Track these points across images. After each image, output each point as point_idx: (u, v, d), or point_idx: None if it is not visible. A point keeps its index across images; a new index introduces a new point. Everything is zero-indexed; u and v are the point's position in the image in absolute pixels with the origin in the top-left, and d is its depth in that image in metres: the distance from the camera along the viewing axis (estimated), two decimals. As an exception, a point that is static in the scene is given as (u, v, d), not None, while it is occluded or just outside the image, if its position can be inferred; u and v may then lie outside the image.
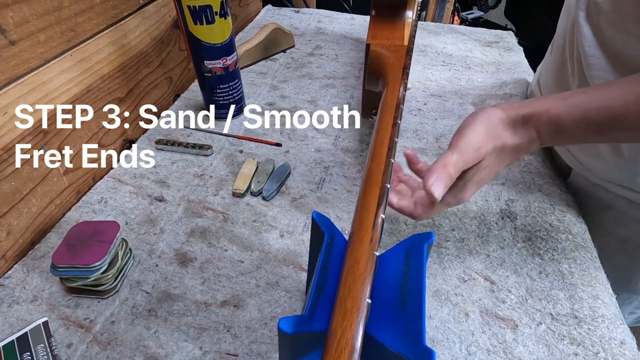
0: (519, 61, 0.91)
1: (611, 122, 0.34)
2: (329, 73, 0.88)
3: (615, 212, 0.55)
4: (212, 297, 0.47)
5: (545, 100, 0.36)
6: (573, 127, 0.35)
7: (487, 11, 2.42)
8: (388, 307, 0.25)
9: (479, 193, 0.59)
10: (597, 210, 0.57)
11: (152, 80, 0.73)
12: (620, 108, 0.33)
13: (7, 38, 0.46)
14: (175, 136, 0.70)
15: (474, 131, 0.34)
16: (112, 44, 0.62)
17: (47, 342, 0.41)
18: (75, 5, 0.54)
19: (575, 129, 0.35)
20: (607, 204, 0.56)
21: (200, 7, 0.60)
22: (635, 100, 0.33)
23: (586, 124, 0.34)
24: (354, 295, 0.23)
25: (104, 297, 0.47)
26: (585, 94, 0.35)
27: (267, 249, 0.52)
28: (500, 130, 0.35)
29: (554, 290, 0.47)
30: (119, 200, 0.58)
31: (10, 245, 0.50)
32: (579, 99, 0.35)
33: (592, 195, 0.57)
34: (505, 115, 0.36)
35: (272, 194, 0.58)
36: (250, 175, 0.61)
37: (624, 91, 0.33)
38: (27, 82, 0.49)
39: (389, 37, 0.53)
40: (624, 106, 0.33)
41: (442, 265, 0.50)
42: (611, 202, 0.55)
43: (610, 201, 0.55)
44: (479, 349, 0.42)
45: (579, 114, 0.34)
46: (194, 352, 0.42)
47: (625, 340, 0.42)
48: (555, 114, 0.35)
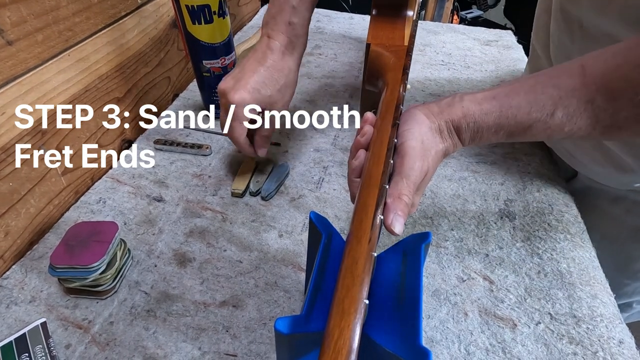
0: (518, 60, 0.91)
1: (521, 129, 0.36)
2: (328, 72, 0.88)
3: (628, 203, 0.56)
4: (211, 298, 0.47)
5: (460, 102, 0.37)
6: (487, 133, 0.36)
7: (486, 10, 2.42)
8: (385, 307, 0.25)
9: (478, 193, 0.59)
10: (609, 202, 0.58)
11: (150, 80, 0.73)
12: (525, 115, 0.35)
13: (4, 38, 0.46)
14: (174, 136, 0.70)
15: (412, 148, 0.34)
16: (110, 44, 0.62)
17: (45, 343, 0.41)
18: (73, 5, 0.54)
19: (490, 135, 0.37)
20: (620, 196, 0.56)
21: (198, 6, 0.60)
22: (538, 108, 0.34)
23: (496, 129, 0.36)
24: (352, 296, 0.23)
25: (103, 297, 0.46)
26: (496, 100, 0.36)
27: (266, 249, 0.52)
28: (431, 139, 0.36)
29: (553, 289, 0.47)
30: (118, 201, 0.58)
31: (9, 246, 0.50)
32: (490, 105, 0.36)
33: (602, 189, 0.58)
34: (430, 122, 0.37)
35: (271, 194, 0.58)
36: (249, 176, 0.61)
37: (529, 100, 0.35)
38: (24, 82, 0.49)
39: (390, 37, 0.53)
40: (528, 113, 0.35)
41: (441, 264, 0.50)
42: (624, 195, 0.56)
43: (622, 194, 0.56)
44: (478, 349, 0.42)
45: (491, 121, 0.36)
46: (192, 352, 0.42)
47: (624, 340, 0.42)
48: (472, 120, 0.36)
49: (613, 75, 0.32)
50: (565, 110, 0.34)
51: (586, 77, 0.33)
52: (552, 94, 0.34)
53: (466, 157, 0.65)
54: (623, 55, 0.32)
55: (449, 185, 0.60)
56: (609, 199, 0.58)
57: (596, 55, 0.34)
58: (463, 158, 0.64)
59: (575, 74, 0.34)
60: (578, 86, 0.33)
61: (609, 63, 0.33)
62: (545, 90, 0.34)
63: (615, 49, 0.33)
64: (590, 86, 0.33)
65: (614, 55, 0.33)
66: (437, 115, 0.37)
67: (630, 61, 0.32)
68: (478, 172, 0.62)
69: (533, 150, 0.65)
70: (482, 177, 0.61)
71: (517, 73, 0.86)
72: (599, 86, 0.33)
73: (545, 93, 0.34)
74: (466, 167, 0.63)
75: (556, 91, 0.34)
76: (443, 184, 0.60)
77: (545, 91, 0.34)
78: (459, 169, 0.63)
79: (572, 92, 0.33)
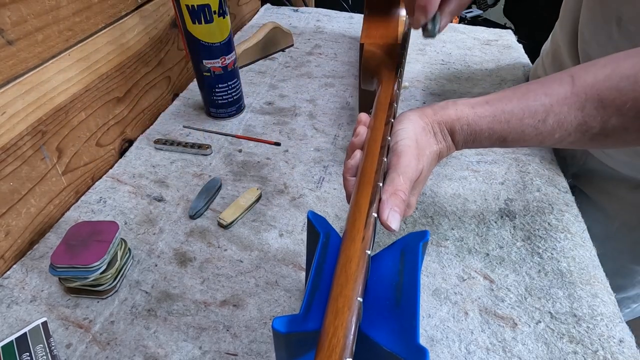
0: (518, 59, 0.91)
1: (513, 135, 0.36)
2: (328, 72, 0.88)
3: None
4: (211, 297, 0.47)
5: (454, 106, 0.37)
6: (481, 137, 0.37)
7: (486, 10, 2.42)
8: (383, 306, 0.25)
9: (478, 192, 0.58)
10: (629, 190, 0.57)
11: (150, 80, 0.73)
12: (518, 121, 0.35)
13: (4, 38, 0.46)
14: (174, 136, 0.70)
15: (408, 147, 0.34)
16: (111, 44, 0.62)
17: (46, 343, 0.41)
18: (73, 5, 0.54)
19: (483, 139, 0.37)
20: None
21: (198, 6, 0.60)
22: (530, 114, 0.35)
23: (489, 134, 0.36)
24: (346, 294, 0.23)
25: (103, 297, 0.47)
26: (489, 105, 0.36)
27: (266, 249, 0.52)
28: (425, 140, 0.37)
29: (553, 288, 0.47)
30: (118, 200, 0.58)
31: (9, 246, 0.50)
32: (484, 110, 0.36)
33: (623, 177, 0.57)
34: (424, 124, 0.37)
35: (199, 212, 0.55)
36: (244, 207, 0.56)
37: (522, 106, 0.35)
38: (25, 81, 0.49)
39: (383, 36, 0.53)
40: (520, 119, 0.35)
41: (442, 264, 0.50)
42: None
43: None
44: (478, 348, 0.42)
45: (485, 125, 0.36)
46: (193, 351, 0.42)
47: (624, 339, 0.42)
48: (466, 123, 0.36)
49: (603, 85, 0.33)
50: (556, 117, 0.35)
51: (576, 86, 0.34)
52: (544, 101, 0.35)
53: (466, 157, 0.65)
54: (612, 66, 0.34)
55: (449, 185, 0.60)
56: (629, 187, 0.57)
57: (585, 67, 0.35)
58: (463, 157, 0.64)
59: (565, 83, 0.35)
60: (569, 94, 0.34)
61: (598, 74, 0.34)
62: (538, 97, 0.35)
63: (605, 61, 0.35)
64: (580, 95, 0.34)
65: (604, 66, 0.34)
66: (431, 117, 0.37)
67: (619, 72, 0.33)
68: (478, 171, 0.62)
69: (533, 150, 0.65)
70: (482, 176, 0.61)
71: (517, 72, 0.85)
72: (589, 95, 0.34)
73: (538, 100, 0.35)
74: (466, 167, 0.63)
75: (548, 99, 0.35)
76: (443, 183, 0.60)
77: (537, 98, 0.35)
78: (459, 169, 0.62)
79: (564, 100, 0.34)
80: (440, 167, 0.63)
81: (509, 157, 0.64)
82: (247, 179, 0.62)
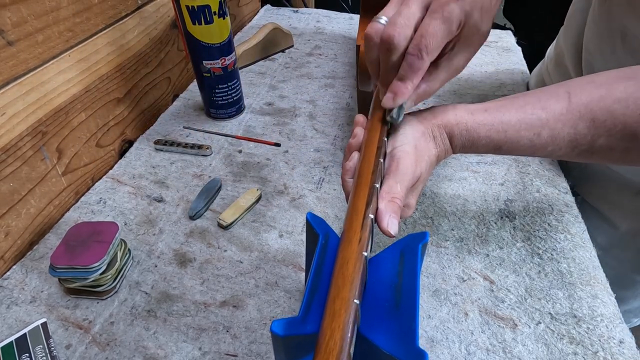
0: (517, 61, 0.91)
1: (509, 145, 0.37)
2: (327, 73, 0.88)
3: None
4: (211, 298, 0.47)
5: (454, 110, 0.38)
6: (478, 143, 0.37)
7: (486, 10, 2.41)
8: (382, 308, 0.25)
9: (478, 193, 0.58)
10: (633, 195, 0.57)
11: (150, 81, 0.73)
12: (514, 132, 0.36)
13: (5, 38, 0.46)
14: (174, 136, 0.70)
15: (407, 153, 0.35)
16: (111, 44, 0.62)
17: (46, 343, 0.41)
18: (74, 6, 0.54)
19: (479, 146, 0.37)
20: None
21: (198, 7, 0.60)
22: (526, 127, 0.36)
23: (486, 141, 0.37)
24: (343, 296, 0.23)
25: (103, 297, 0.47)
26: (488, 113, 0.37)
27: (266, 249, 0.52)
28: (424, 144, 0.37)
29: (553, 289, 0.47)
30: (118, 201, 0.58)
31: (9, 246, 0.50)
32: (483, 117, 0.37)
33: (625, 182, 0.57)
34: (424, 128, 0.37)
35: (199, 213, 0.55)
36: (244, 207, 0.56)
37: (519, 118, 0.36)
38: (25, 82, 0.49)
39: None
40: (517, 130, 0.36)
41: (442, 264, 0.50)
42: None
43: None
44: (479, 349, 0.42)
45: (483, 132, 0.36)
46: (193, 352, 0.42)
47: (624, 339, 0.42)
48: (464, 128, 0.37)
49: (596, 105, 0.34)
50: (551, 132, 0.36)
51: (572, 104, 0.35)
52: (541, 115, 0.36)
53: (466, 158, 0.65)
54: (606, 88, 0.34)
55: (449, 186, 0.60)
56: (632, 193, 0.57)
57: (582, 84, 0.36)
58: (463, 158, 0.64)
59: (562, 99, 0.36)
60: (565, 111, 0.35)
61: (593, 94, 0.35)
62: (535, 111, 0.36)
63: (601, 80, 0.35)
64: (575, 113, 0.35)
65: (599, 86, 0.35)
66: (430, 120, 0.38)
67: (612, 95, 0.34)
68: (478, 172, 0.62)
69: (533, 150, 0.65)
70: (482, 177, 0.61)
71: (517, 74, 0.85)
72: (583, 114, 0.35)
73: (535, 114, 0.36)
74: (466, 167, 0.63)
75: (544, 113, 0.36)
76: (443, 184, 0.60)
77: (534, 112, 0.36)
78: (459, 169, 0.62)
79: (559, 116, 0.35)
80: (440, 168, 0.63)
81: (509, 158, 0.64)
82: (247, 180, 0.62)
